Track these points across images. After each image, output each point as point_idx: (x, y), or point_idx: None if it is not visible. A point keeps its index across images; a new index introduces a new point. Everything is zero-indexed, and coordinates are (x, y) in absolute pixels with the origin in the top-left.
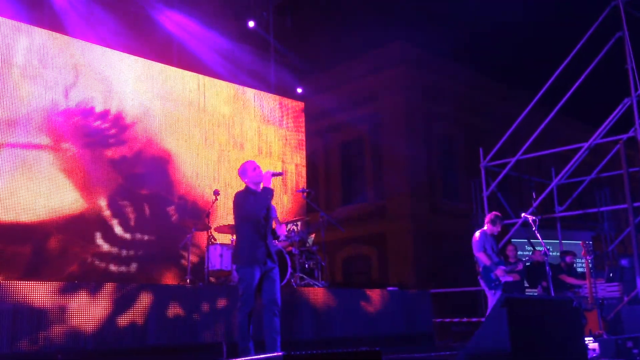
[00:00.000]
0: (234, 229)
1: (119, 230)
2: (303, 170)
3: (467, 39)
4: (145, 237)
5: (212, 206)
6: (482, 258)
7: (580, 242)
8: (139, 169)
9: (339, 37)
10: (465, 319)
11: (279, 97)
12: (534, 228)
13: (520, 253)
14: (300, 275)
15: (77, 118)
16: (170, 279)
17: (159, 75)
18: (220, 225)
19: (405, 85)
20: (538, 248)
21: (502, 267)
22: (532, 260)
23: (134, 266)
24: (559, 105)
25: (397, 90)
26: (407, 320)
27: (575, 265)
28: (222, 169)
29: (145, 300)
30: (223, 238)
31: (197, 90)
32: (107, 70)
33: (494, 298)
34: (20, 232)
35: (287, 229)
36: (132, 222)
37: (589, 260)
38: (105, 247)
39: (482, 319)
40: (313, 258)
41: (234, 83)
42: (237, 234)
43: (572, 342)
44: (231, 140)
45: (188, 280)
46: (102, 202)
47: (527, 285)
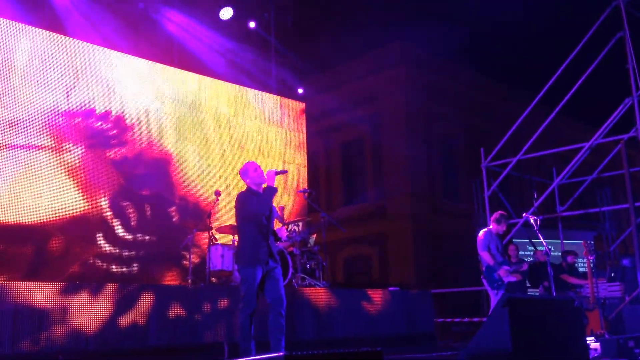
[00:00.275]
0: (235, 229)
1: (120, 230)
2: (304, 171)
3: (467, 39)
4: (147, 238)
5: (213, 207)
6: (486, 257)
7: (582, 242)
8: (140, 169)
9: (340, 38)
10: (467, 319)
11: (280, 97)
12: (536, 228)
13: (521, 253)
14: (302, 275)
15: (78, 119)
16: (171, 279)
17: (160, 76)
18: (222, 226)
19: (406, 85)
20: (539, 248)
21: (506, 267)
22: (536, 260)
23: (135, 267)
24: (560, 105)
25: (398, 90)
26: (408, 321)
27: (576, 265)
28: (223, 169)
29: (146, 300)
30: (224, 238)
31: (198, 90)
32: (108, 72)
33: (496, 298)
34: (22, 233)
35: (288, 229)
36: (133, 223)
37: (591, 260)
38: (107, 247)
39: (484, 319)
40: (314, 258)
41: (234, 84)
42: (239, 234)
43: (574, 342)
44: (232, 140)
45: (189, 281)
46: (104, 202)
47: (529, 285)
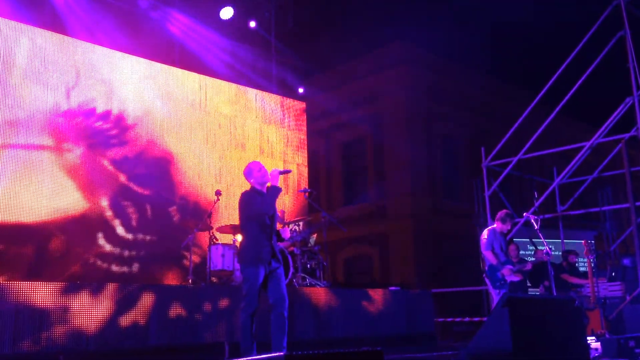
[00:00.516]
0: (235, 229)
1: (120, 230)
2: (305, 170)
3: (468, 39)
4: (147, 238)
5: (213, 206)
6: (489, 257)
7: (583, 242)
8: (141, 169)
9: (340, 37)
10: (467, 319)
11: (281, 97)
12: (536, 227)
13: (522, 252)
14: (302, 275)
15: (78, 119)
16: (172, 279)
17: (161, 75)
18: (222, 226)
19: (406, 85)
20: (540, 247)
21: (509, 266)
22: (540, 259)
23: (136, 266)
24: (560, 104)
25: (399, 90)
26: (408, 320)
27: (577, 264)
28: (224, 169)
29: (147, 300)
30: (225, 238)
31: (198, 90)
32: (108, 71)
33: (498, 297)
34: (23, 233)
35: (290, 228)
36: (134, 223)
37: (591, 260)
38: (107, 247)
39: (484, 319)
40: (315, 258)
41: (235, 83)
42: (242, 234)
43: (574, 342)
44: (233, 140)
45: (190, 281)
46: (104, 202)
47: (529, 284)
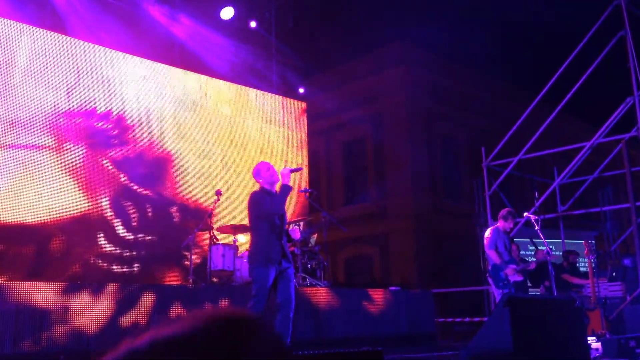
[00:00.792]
0: (235, 229)
1: (121, 230)
2: (305, 170)
3: (468, 38)
4: (148, 238)
5: (214, 206)
6: (493, 256)
7: (583, 242)
8: (141, 169)
9: (341, 37)
10: (468, 319)
11: (281, 97)
12: (537, 227)
13: (522, 252)
14: (303, 275)
15: (79, 119)
16: (172, 279)
17: (161, 75)
18: (223, 226)
19: (407, 84)
20: (541, 248)
21: (513, 265)
22: (543, 259)
23: (136, 266)
24: (561, 104)
25: (399, 90)
26: (409, 320)
27: (578, 264)
28: (224, 169)
29: (147, 300)
30: (225, 238)
31: (199, 90)
32: (109, 71)
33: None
34: (23, 233)
35: (289, 228)
36: (134, 223)
37: (592, 260)
38: (108, 247)
39: (485, 319)
40: (315, 258)
41: (235, 83)
42: (252, 234)
43: (575, 342)
44: (233, 140)
45: (190, 281)
46: (105, 202)
47: (530, 284)
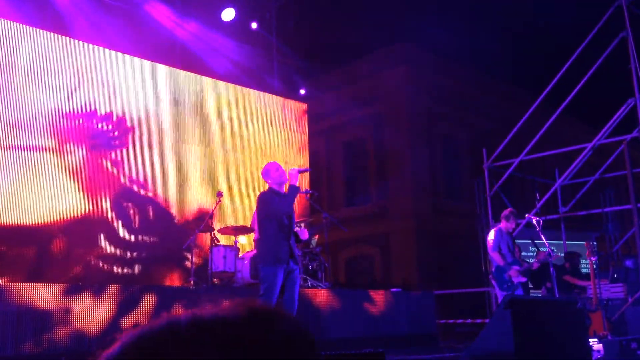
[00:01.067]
0: (236, 230)
1: (122, 232)
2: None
3: (469, 40)
4: (149, 239)
5: (215, 208)
6: (496, 258)
7: (585, 243)
8: (142, 170)
9: (342, 38)
10: (469, 320)
11: (282, 98)
12: (538, 229)
13: (524, 254)
14: (304, 276)
15: (80, 120)
16: (173, 280)
17: (162, 77)
18: (224, 227)
19: (408, 85)
20: (542, 249)
21: (516, 267)
22: (545, 260)
23: (137, 268)
24: (562, 105)
25: (400, 90)
26: (410, 322)
27: (579, 266)
28: (225, 170)
29: (149, 301)
30: (226, 239)
31: (200, 92)
32: (110, 73)
33: None
34: (24, 235)
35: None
36: (135, 224)
37: (593, 261)
38: (109, 248)
39: (487, 320)
40: (316, 259)
41: (237, 85)
42: (260, 234)
43: (576, 343)
44: (234, 141)
45: (192, 282)
46: (106, 204)
47: (531, 286)
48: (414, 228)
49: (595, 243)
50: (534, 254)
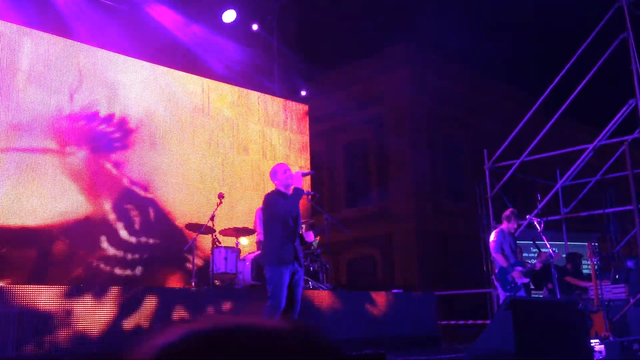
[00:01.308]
0: (238, 232)
1: (124, 233)
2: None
3: (470, 41)
4: (150, 241)
5: (216, 209)
6: (499, 260)
7: (586, 244)
8: (144, 172)
9: (343, 40)
10: (471, 322)
11: (283, 99)
12: (539, 230)
13: (525, 255)
14: (305, 278)
15: (81, 122)
16: (175, 282)
17: (163, 78)
18: (225, 229)
19: (409, 86)
20: (543, 250)
21: (519, 268)
22: (547, 261)
23: (139, 269)
24: (563, 106)
25: (402, 92)
26: (412, 323)
27: (581, 267)
28: (226, 172)
29: (150, 303)
30: (228, 241)
31: (201, 93)
32: (111, 74)
33: None
34: (26, 236)
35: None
36: (137, 226)
37: (595, 262)
38: (111, 250)
39: (488, 321)
40: (317, 261)
41: (238, 86)
42: (265, 235)
43: (578, 344)
44: (235, 143)
45: (193, 284)
46: (107, 205)
47: (532, 287)
48: (415, 229)
49: (596, 244)
50: (536, 255)
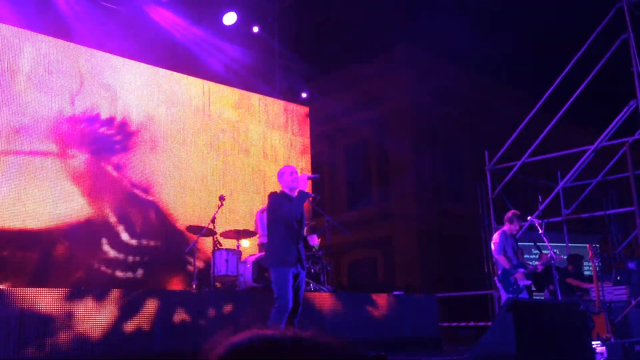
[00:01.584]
0: (239, 234)
1: (125, 236)
2: (308, 175)
3: (471, 42)
4: (151, 243)
5: (217, 211)
6: (502, 261)
7: (587, 245)
8: (145, 175)
9: (344, 41)
10: (472, 323)
11: (284, 101)
12: (541, 231)
13: (526, 256)
14: (306, 280)
15: (82, 125)
16: (176, 284)
17: (164, 81)
18: (226, 231)
19: (410, 88)
20: (545, 251)
21: (521, 269)
22: (548, 263)
23: (140, 272)
24: (564, 107)
25: (403, 93)
26: (413, 325)
27: (582, 268)
28: (228, 174)
29: (151, 306)
30: (229, 243)
31: (202, 95)
32: (112, 77)
33: None
34: (27, 239)
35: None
36: (138, 228)
37: (596, 264)
38: (112, 253)
39: (490, 323)
40: (319, 263)
41: (238, 88)
42: (269, 236)
43: (579, 346)
44: (236, 145)
45: (194, 286)
46: (108, 208)
47: (534, 288)
48: (416, 231)
49: (597, 245)
50: (537, 256)
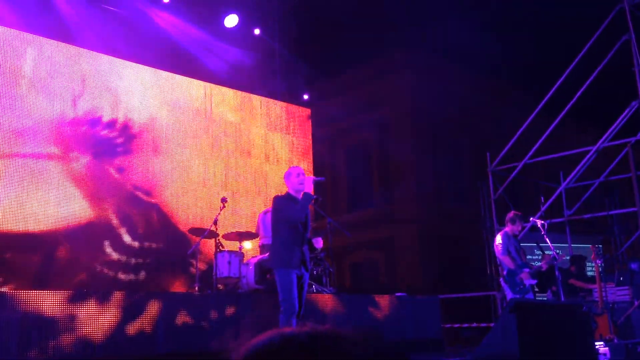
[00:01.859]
0: (241, 236)
1: (127, 238)
2: (314, 178)
3: (472, 43)
4: (154, 245)
5: (219, 213)
6: (507, 262)
7: (590, 246)
8: (147, 177)
9: (345, 43)
10: (475, 324)
11: (285, 103)
12: (543, 232)
13: (529, 257)
14: (309, 282)
15: (85, 127)
16: (178, 286)
17: (166, 83)
18: (228, 233)
19: (411, 89)
20: (547, 252)
21: (526, 269)
22: (551, 264)
23: (142, 274)
24: (566, 108)
25: (404, 95)
26: (415, 326)
27: (585, 269)
28: (229, 176)
29: (153, 308)
30: (231, 245)
31: (203, 98)
32: (114, 80)
33: None
34: (29, 242)
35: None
36: (140, 230)
37: (599, 264)
38: (114, 255)
39: (492, 324)
40: (321, 264)
41: (240, 90)
42: (273, 238)
43: (582, 347)
44: (238, 147)
45: (196, 288)
46: (110, 210)
47: (537, 289)
48: (418, 232)
49: (600, 246)
50: (539, 257)
